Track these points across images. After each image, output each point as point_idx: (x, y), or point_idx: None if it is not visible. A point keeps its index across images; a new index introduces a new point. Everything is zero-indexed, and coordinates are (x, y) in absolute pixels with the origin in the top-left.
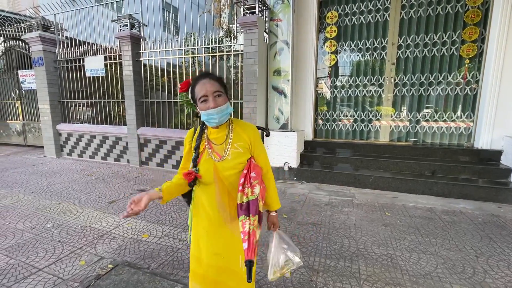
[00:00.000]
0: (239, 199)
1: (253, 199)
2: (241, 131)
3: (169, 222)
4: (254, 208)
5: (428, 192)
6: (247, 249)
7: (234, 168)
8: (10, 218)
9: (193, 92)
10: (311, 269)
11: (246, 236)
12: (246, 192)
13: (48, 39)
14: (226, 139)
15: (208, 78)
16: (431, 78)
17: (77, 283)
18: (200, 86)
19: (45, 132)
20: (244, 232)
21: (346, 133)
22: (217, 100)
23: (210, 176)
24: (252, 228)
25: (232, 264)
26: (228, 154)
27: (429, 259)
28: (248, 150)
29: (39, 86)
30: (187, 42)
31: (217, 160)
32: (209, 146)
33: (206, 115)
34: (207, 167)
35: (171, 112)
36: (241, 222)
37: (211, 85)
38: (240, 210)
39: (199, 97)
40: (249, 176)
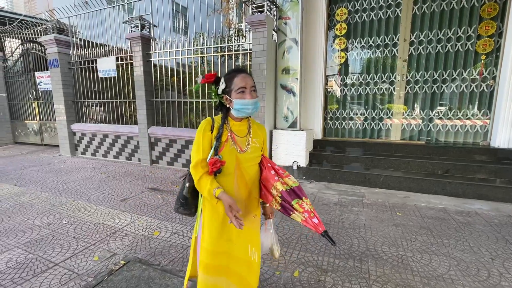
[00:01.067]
0: (281, 187)
1: (297, 185)
2: (257, 129)
3: (179, 220)
4: (303, 192)
5: (441, 192)
6: (319, 222)
7: (253, 161)
8: (28, 215)
9: (229, 82)
10: (320, 268)
11: (311, 213)
12: (284, 181)
13: (62, 41)
14: (247, 133)
15: (247, 73)
16: (445, 75)
17: (91, 277)
18: (241, 78)
19: (60, 131)
20: (308, 211)
21: (356, 132)
22: (252, 94)
23: (232, 166)
24: (311, 207)
25: (242, 252)
26: (249, 148)
27: (441, 260)
28: (261, 146)
29: (55, 87)
30: (196, 42)
31: (240, 152)
32: (232, 137)
33: (241, 104)
34: (230, 157)
35: (180, 112)
36: (298, 205)
37: (250, 80)
38: (288, 196)
39: (237, 88)
40: (275, 169)
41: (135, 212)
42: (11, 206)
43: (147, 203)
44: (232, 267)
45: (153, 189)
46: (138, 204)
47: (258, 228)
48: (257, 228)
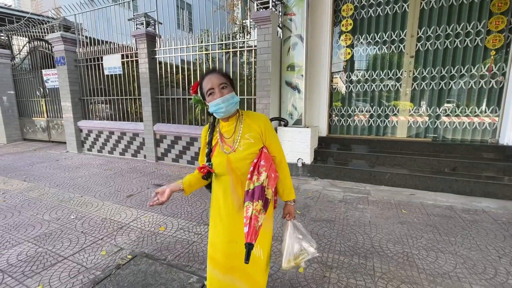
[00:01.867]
0: (247, 186)
1: (258, 185)
2: (251, 122)
3: (185, 216)
4: (258, 194)
5: (448, 190)
6: (247, 233)
7: (246, 159)
8: (37, 210)
9: (201, 88)
10: (325, 265)
11: (248, 220)
12: (254, 179)
13: (69, 39)
14: (235, 131)
15: (214, 72)
16: (453, 71)
17: (99, 271)
18: (206, 80)
19: (67, 128)
20: (247, 217)
21: (362, 129)
22: (222, 91)
23: (223, 168)
24: (254, 212)
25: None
26: (239, 145)
27: (447, 258)
28: (259, 140)
29: (61, 84)
30: (201, 39)
31: (228, 152)
32: (221, 139)
33: (213, 105)
34: (220, 160)
35: (185, 109)
36: (245, 208)
37: (216, 78)
38: (246, 197)
39: (206, 91)
40: (258, 164)
41: (141, 208)
42: (20, 201)
43: None
44: (236, 265)
45: (158, 185)
46: (144, 200)
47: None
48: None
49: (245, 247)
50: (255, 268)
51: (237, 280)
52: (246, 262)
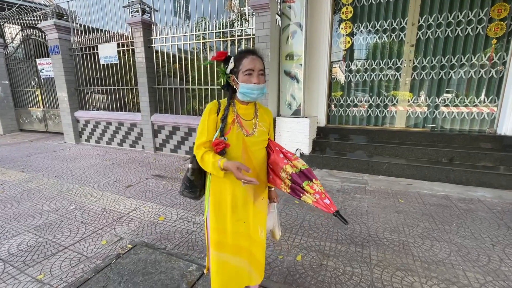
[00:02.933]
0: (290, 169)
1: (306, 168)
2: (263, 113)
3: (183, 206)
4: (313, 175)
5: (445, 180)
6: (331, 203)
7: (260, 144)
8: (36, 200)
9: (238, 62)
10: (322, 253)
11: (322, 194)
12: (293, 164)
13: (63, 27)
14: (254, 117)
15: (258, 55)
16: (453, 60)
17: (99, 260)
18: (250, 60)
19: (64, 119)
20: (319, 192)
21: (361, 119)
22: (260, 78)
23: (239, 149)
24: (322, 189)
25: (252, 231)
26: (255, 131)
27: (442, 246)
28: (267, 130)
29: (57, 74)
30: (198, 27)
31: (246, 135)
32: (238, 120)
33: (247, 88)
34: (237, 140)
35: (183, 99)
36: (308, 186)
37: (259, 63)
38: (299, 178)
39: (245, 69)
40: (284, 152)
41: (140, 198)
42: (19, 192)
43: (151, 190)
44: (242, 244)
45: (157, 175)
46: (143, 190)
47: (265, 209)
48: (265, 209)
49: (334, 215)
50: (258, 248)
51: (242, 261)
52: (346, 223)
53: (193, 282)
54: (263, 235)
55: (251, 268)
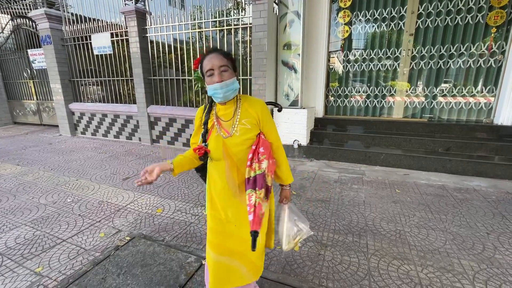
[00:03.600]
0: (247, 174)
1: (260, 173)
2: (248, 107)
3: (181, 198)
4: (261, 182)
5: (441, 170)
6: (252, 221)
7: (243, 144)
8: (33, 193)
9: (201, 67)
10: (320, 243)
11: (252, 208)
12: (254, 167)
13: (54, 16)
14: (233, 116)
15: (216, 52)
16: (452, 49)
17: (98, 252)
18: (208, 60)
19: (58, 111)
20: (250, 205)
21: (358, 110)
22: (222, 75)
23: (219, 152)
24: (257, 200)
25: (244, 233)
26: (236, 131)
27: (438, 235)
28: (256, 126)
29: (49, 65)
30: (193, 16)
31: (225, 137)
32: (217, 122)
33: (211, 89)
34: (216, 144)
35: (179, 90)
36: (248, 196)
37: (218, 60)
38: (247, 184)
39: (206, 71)
40: (257, 151)
41: (138, 191)
42: (15, 186)
43: None
44: (234, 248)
45: None
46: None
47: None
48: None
49: (250, 235)
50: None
51: (234, 261)
52: (253, 249)
53: (192, 273)
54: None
55: (245, 269)
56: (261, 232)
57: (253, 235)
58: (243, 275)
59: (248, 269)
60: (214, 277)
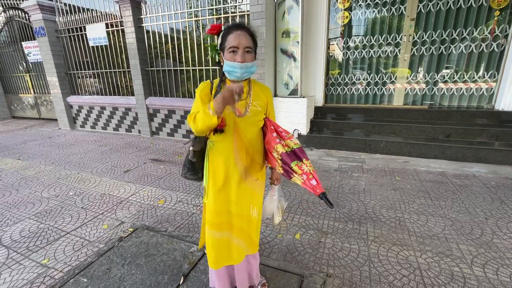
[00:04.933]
0: (281, 149)
1: (298, 147)
2: (259, 91)
3: (183, 189)
4: (304, 153)
5: (441, 157)
6: (317, 184)
7: (253, 125)
8: (35, 187)
9: (224, 38)
10: (320, 231)
11: (310, 175)
12: (285, 143)
13: (46, 7)
14: (247, 97)
15: (244, 30)
16: (454, 34)
17: (102, 244)
18: (235, 36)
19: (56, 105)
20: (307, 173)
21: (358, 98)
22: (245, 56)
23: (230, 130)
24: (310, 169)
25: (244, 210)
26: (248, 111)
27: (437, 221)
28: (264, 109)
29: (45, 58)
30: (190, 4)
31: (238, 116)
32: None
33: (230, 66)
34: (228, 120)
35: (177, 81)
36: (297, 167)
37: (245, 39)
38: (288, 158)
39: (229, 46)
40: (278, 131)
41: (139, 183)
42: (17, 180)
43: (150, 174)
44: (234, 223)
45: (155, 160)
46: (141, 175)
47: (260, 190)
48: (259, 190)
49: (320, 198)
50: (249, 226)
51: (234, 237)
52: (331, 207)
53: (195, 262)
54: (256, 214)
55: (243, 244)
56: (258, 208)
57: (323, 197)
58: (242, 249)
59: (246, 243)
60: (216, 254)
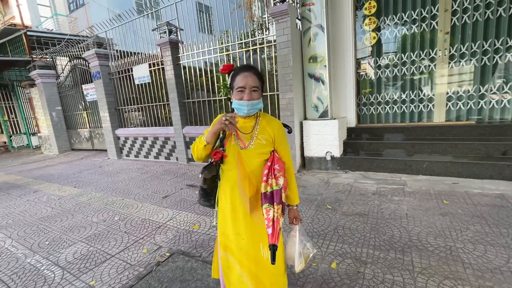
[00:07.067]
0: (263, 188)
1: (277, 189)
2: (266, 125)
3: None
4: (278, 198)
5: (498, 177)
6: (271, 234)
7: (256, 157)
8: (87, 213)
9: (233, 79)
10: (358, 260)
11: (270, 222)
12: (270, 182)
13: (102, 55)
14: (252, 130)
15: (251, 72)
16: (498, 43)
17: (142, 268)
18: (242, 77)
19: (106, 137)
20: (268, 219)
21: (394, 116)
22: (252, 95)
23: (234, 161)
24: (276, 215)
25: (252, 249)
26: (252, 144)
27: (498, 252)
28: (271, 143)
29: (99, 97)
30: (221, 40)
31: (241, 148)
32: (235, 132)
33: (237, 104)
34: (232, 152)
35: (211, 110)
36: (265, 210)
37: (252, 80)
38: (264, 199)
39: (237, 87)
40: (273, 168)
41: (176, 208)
42: (73, 206)
43: (186, 199)
44: (245, 262)
45: (190, 185)
46: (178, 200)
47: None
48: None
49: (269, 249)
50: (261, 271)
51: (244, 274)
52: (273, 262)
53: None
54: (267, 255)
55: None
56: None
57: (272, 249)
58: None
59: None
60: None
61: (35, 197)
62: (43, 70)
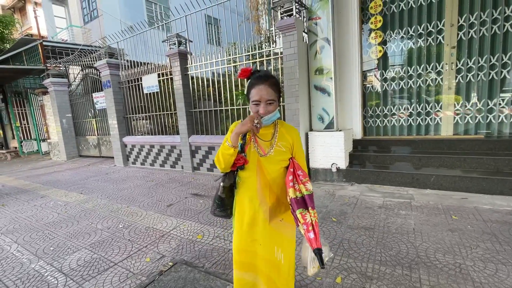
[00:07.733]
0: (292, 194)
1: (308, 194)
2: (285, 132)
3: (220, 225)
4: (312, 202)
5: (509, 193)
6: (315, 238)
7: (277, 164)
8: (92, 219)
9: (249, 90)
10: (364, 275)
11: (310, 226)
12: (298, 188)
13: (113, 64)
14: (272, 138)
15: (266, 84)
16: (505, 58)
17: (144, 277)
18: (257, 90)
19: (114, 144)
20: (307, 224)
21: (401, 129)
22: (267, 108)
23: (254, 168)
24: (314, 219)
25: (267, 253)
26: (272, 151)
27: (510, 271)
28: (289, 150)
29: (108, 105)
30: (228, 52)
31: (261, 155)
32: (255, 139)
33: None
34: (252, 158)
35: (217, 120)
36: (300, 215)
37: (267, 93)
38: (296, 204)
39: (252, 100)
40: (296, 174)
41: (180, 217)
42: (78, 212)
43: (190, 208)
44: (259, 265)
45: (195, 194)
46: (182, 209)
47: (287, 232)
48: (286, 232)
49: (315, 253)
50: (277, 274)
51: (257, 278)
52: (322, 266)
53: None
54: (281, 257)
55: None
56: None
57: (317, 253)
58: None
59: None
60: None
61: (42, 203)
62: (56, 79)
